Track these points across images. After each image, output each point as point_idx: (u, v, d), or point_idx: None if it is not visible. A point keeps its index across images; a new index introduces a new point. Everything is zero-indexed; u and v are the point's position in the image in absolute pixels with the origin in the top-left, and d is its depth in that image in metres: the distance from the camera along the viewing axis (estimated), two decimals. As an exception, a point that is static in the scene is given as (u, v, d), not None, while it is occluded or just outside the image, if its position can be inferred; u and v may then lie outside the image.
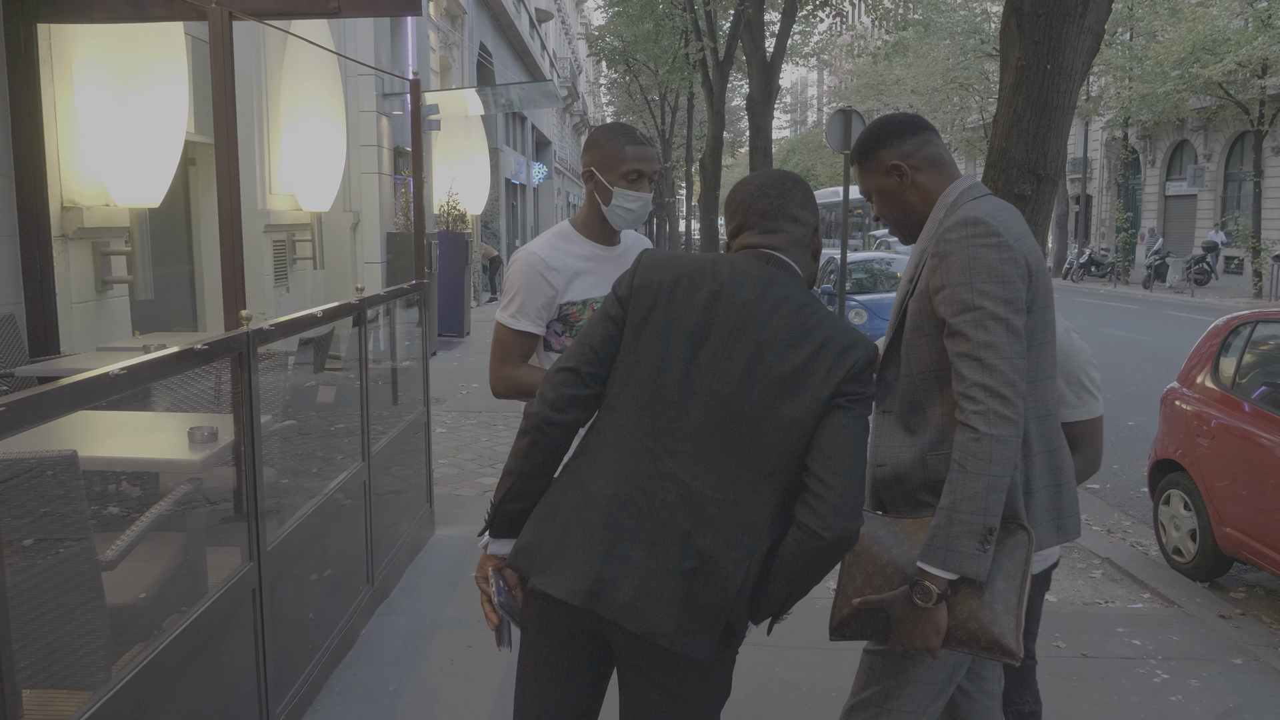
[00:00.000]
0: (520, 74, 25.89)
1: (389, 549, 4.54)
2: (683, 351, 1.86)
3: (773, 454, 1.84)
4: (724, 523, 1.84)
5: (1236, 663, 4.09)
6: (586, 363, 1.91)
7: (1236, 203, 29.03)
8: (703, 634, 1.82)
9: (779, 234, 1.97)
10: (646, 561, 1.82)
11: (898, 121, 2.21)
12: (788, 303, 1.88)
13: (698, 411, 1.85)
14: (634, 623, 1.80)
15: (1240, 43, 21.37)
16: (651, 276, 1.91)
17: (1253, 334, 5.27)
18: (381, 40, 11.80)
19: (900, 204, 2.18)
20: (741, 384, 1.84)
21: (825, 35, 30.90)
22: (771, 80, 12.57)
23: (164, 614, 2.65)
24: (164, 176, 6.01)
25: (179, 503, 2.77)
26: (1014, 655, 1.91)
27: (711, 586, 1.82)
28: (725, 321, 1.86)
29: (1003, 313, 1.92)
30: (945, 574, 1.89)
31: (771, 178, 2.02)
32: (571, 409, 1.91)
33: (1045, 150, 4.47)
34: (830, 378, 1.83)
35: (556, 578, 1.84)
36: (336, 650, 3.72)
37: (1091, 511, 6.50)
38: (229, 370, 2.86)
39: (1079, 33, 4.42)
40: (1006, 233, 1.98)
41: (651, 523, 1.84)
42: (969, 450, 1.88)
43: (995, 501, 1.88)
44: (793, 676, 3.76)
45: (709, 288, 1.88)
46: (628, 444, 1.87)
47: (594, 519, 1.85)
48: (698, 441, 1.85)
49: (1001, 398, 1.88)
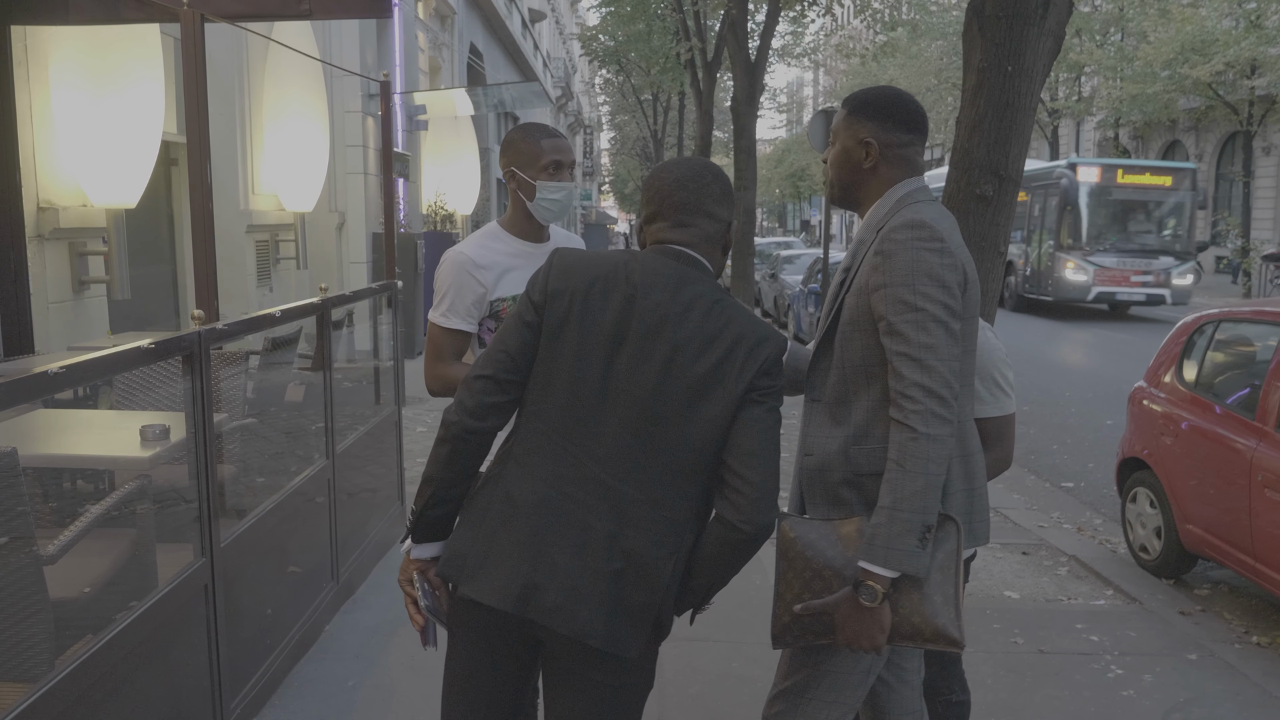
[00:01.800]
0: (513, 74, 25.91)
1: (356, 546, 4.58)
2: (600, 356, 1.89)
3: (692, 452, 1.89)
4: (648, 522, 1.88)
5: (1191, 658, 4.14)
6: (503, 369, 1.93)
7: (1227, 203, 29.11)
8: (633, 633, 1.87)
9: (692, 229, 1.99)
10: (573, 564, 1.85)
11: (902, 109, 2.16)
12: (700, 301, 1.92)
13: (617, 414, 1.89)
14: (564, 626, 1.84)
15: (1229, 43, 21.45)
16: (565, 281, 1.93)
17: (1216, 333, 5.32)
18: (367, 41, 11.82)
19: (853, 175, 2.19)
20: (659, 386, 1.88)
21: (817, 36, 30.97)
22: (756, 81, 12.61)
23: (114, 609, 2.69)
24: (140, 177, 6.05)
25: (127, 499, 2.81)
26: (958, 643, 1.97)
27: (639, 585, 1.87)
28: (640, 324, 1.89)
29: (943, 316, 1.96)
30: (887, 572, 1.93)
31: (691, 171, 2.02)
32: (490, 416, 1.93)
33: (1007, 151, 4.51)
34: (744, 374, 1.88)
35: (486, 585, 1.88)
36: (297, 646, 3.76)
37: (1063, 509, 6.55)
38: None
39: (1039, 35, 4.47)
40: (948, 239, 2.02)
41: (576, 526, 1.87)
42: (907, 450, 1.92)
43: (933, 500, 1.93)
44: (749, 672, 3.80)
45: (623, 291, 1.91)
46: (550, 449, 1.91)
47: (520, 525, 1.88)
48: (618, 444, 1.88)
49: (939, 398, 1.92)
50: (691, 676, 3.80)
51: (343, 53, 10.85)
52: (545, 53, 36.39)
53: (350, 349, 6.71)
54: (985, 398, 2.55)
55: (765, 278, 19.77)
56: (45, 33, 5.71)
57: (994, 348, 2.59)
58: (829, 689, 2.13)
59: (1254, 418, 4.61)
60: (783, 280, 18.00)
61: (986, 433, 2.52)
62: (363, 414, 5.04)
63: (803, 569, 2.07)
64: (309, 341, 5.62)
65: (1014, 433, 2.63)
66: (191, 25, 4.86)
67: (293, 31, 8.08)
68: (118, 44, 5.76)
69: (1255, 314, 5.30)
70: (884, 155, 2.15)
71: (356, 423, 4.82)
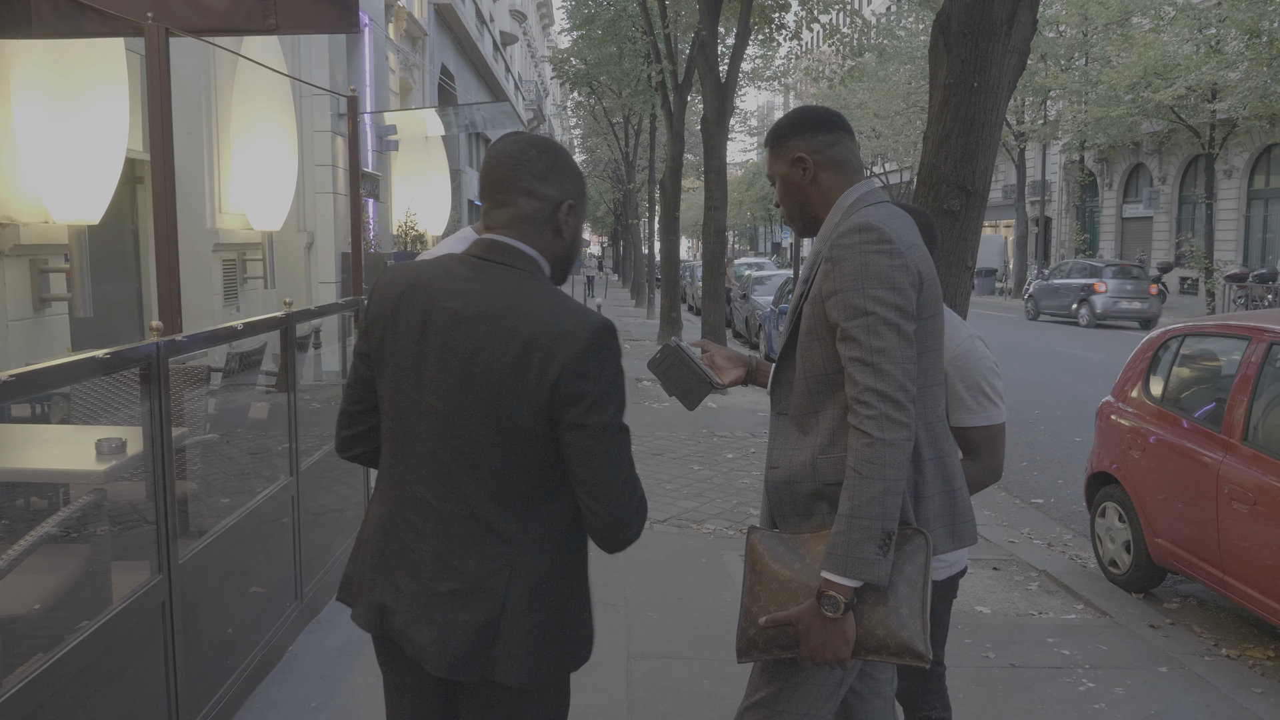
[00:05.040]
0: (484, 96, 25.95)
1: (322, 565, 4.50)
2: (409, 374, 1.82)
3: (508, 463, 1.77)
4: (473, 540, 1.79)
5: (1162, 671, 4.14)
6: (350, 402, 1.95)
7: (1191, 224, 29.58)
8: (470, 655, 1.77)
9: (507, 209, 1.84)
10: (410, 586, 1.82)
11: (814, 115, 2.19)
12: (493, 301, 1.77)
13: (430, 431, 1.80)
14: (408, 647, 1.82)
15: (1190, 68, 21.85)
16: (377, 305, 1.87)
17: (1181, 347, 5.36)
18: (337, 61, 11.79)
19: (799, 196, 2.19)
20: (460, 397, 1.77)
21: (786, 60, 31.23)
22: (726, 102, 12.66)
23: (67, 627, 2.61)
24: (104, 194, 5.96)
25: (81, 513, 2.74)
26: (923, 657, 1.92)
27: (472, 606, 1.77)
28: (437, 336, 1.78)
29: (894, 318, 1.94)
30: (848, 581, 1.89)
31: (514, 146, 1.85)
32: (353, 446, 1.98)
33: (973, 166, 4.54)
34: (545, 376, 1.72)
35: (359, 609, 1.91)
36: (259, 667, 3.68)
37: (1033, 525, 6.57)
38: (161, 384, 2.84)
39: (1004, 52, 4.52)
40: (898, 240, 2.00)
41: (410, 548, 1.83)
42: (863, 455, 1.89)
43: (892, 506, 1.89)
44: (720, 689, 3.76)
45: (421, 302, 1.81)
46: (389, 472, 1.89)
47: (370, 548, 1.90)
48: (435, 462, 1.80)
49: (894, 402, 1.90)
50: (662, 694, 3.75)
51: (312, 72, 10.80)
52: (517, 75, 36.50)
53: (318, 369, 6.63)
54: (973, 407, 2.53)
55: (737, 298, 19.88)
56: (7, 46, 5.63)
57: (981, 356, 2.58)
58: (800, 701, 2.09)
59: (1220, 431, 4.64)
60: (754, 301, 18.10)
61: (973, 442, 2.51)
62: (330, 433, 4.97)
63: (769, 581, 2.03)
64: (275, 360, 5.56)
65: (1004, 443, 2.60)
66: (156, 39, 4.81)
67: (261, 50, 8.03)
68: (82, 59, 5.69)
69: (1220, 328, 5.36)
70: (818, 162, 2.15)
71: (323, 441, 4.75)
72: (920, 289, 2.02)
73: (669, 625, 4.39)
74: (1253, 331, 4.73)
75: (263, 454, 4.44)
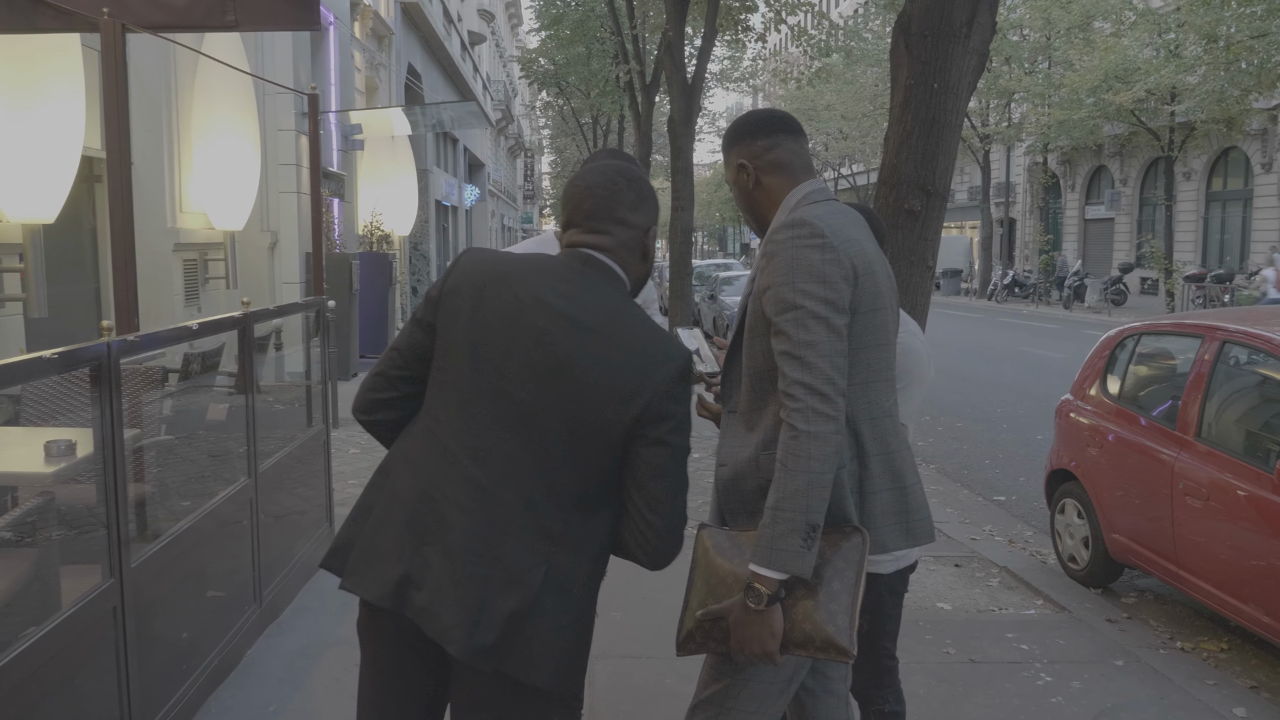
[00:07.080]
0: (451, 96, 25.81)
1: (281, 568, 4.45)
2: (492, 357, 1.83)
3: (573, 465, 1.82)
4: (520, 529, 1.81)
5: (1118, 664, 4.19)
6: (392, 366, 1.94)
7: (1151, 226, 30.00)
8: (496, 643, 1.76)
9: (604, 235, 1.93)
10: (443, 565, 1.79)
11: (752, 121, 2.21)
12: (599, 313, 1.85)
13: (504, 417, 1.82)
14: (430, 626, 1.77)
15: (1149, 71, 22.16)
16: (464, 279, 1.89)
17: (1138, 346, 5.44)
18: (301, 60, 11.68)
19: (748, 200, 2.22)
20: (549, 393, 1.81)
21: (754, 61, 31.34)
22: (692, 103, 12.68)
23: (14, 632, 2.56)
24: (59, 192, 5.87)
25: (28, 516, 2.69)
26: (847, 654, 1.92)
27: (506, 593, 1.78)
28: (534, 330, 1.82)
29: (823, 312, 1.94)
30: (773, 574, 1.89)
31: (604, 177, 1.97)
32: (378, 410, 1.95)
33: (934, 167, 4.58)
34: (641, 393, 1.80)
35: (366, 579, 1.84)
36: (217, 671, 3.64)
37: (995, 522, 6.63)
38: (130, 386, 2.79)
39: (964, 53, 4.55)
40: (832, 235, 1.99)
41: (448, 526, 1.81)
42: (789, 448, 1.90)
43: (817, 499, 1.89)
44: (682, 688, 3.75)
45: (519, 292, 1.84)
46: (435, 447, 1.86)
47: (399, 520, 1.84)
48: (501, 448, 1.82)
49: (820, 395, 1.90)
50: (624, 694, 3.75)
51: (276, 71, 10.70)
52: (485, 75, 36.35)
53: (279, 370, 6.56)
54: None
55: (704, 299, 19.97)
56: (-41, 43, 5.53)
57: None
58: (750, 699, 2.09)
59: (1175, 428, 4.71)
60: (721, 301, 18.21)
61: None
62: (292, 434, 4.92)
63: (710, 575, 2.05)
64: (236, 361, 5.49)
65: None
66: (112, 35, 4.74)
67: (223, 47, 7.94)
68: (36, 55, 5.60)
69: (1175, 326, 5.44)
70: (759, 167, 2.18)
71: (284, 443, 4.70)
72: (855, 283, 2.01)
73: (632, 625, 4.39)
74: (1206, 330, 4.80)
75: (221, 456, 4.39)
